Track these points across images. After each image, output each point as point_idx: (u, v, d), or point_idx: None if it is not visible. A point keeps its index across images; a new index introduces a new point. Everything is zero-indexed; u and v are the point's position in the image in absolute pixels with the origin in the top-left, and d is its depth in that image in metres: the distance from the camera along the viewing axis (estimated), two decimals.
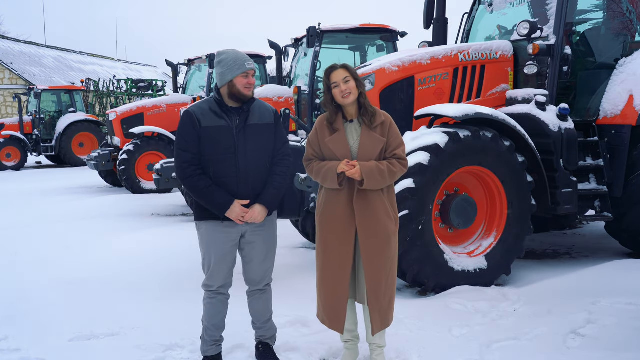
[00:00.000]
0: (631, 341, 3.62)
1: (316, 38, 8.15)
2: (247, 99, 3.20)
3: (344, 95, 3.13)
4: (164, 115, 12.30)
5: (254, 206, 3.19)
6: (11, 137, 19.53)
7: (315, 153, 3.27)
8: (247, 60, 3.17)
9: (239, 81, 3.14)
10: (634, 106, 5.41)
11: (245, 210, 3.16)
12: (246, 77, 3.15)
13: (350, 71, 3.16)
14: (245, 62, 3.15)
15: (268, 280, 3.43)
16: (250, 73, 3.17)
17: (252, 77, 3.19)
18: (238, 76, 3.13)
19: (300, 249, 6.44)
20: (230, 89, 3.16)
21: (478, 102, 5.50)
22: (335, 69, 3.17)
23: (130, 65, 42.83)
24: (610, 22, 6.09)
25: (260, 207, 3.20)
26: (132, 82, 21.48)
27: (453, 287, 4.68)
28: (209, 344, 3.39)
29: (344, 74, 3.14)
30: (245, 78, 3.15)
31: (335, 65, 3.19)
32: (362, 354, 3.51)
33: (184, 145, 3.16)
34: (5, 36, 34.10)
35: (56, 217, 9.06)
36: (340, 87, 3.13)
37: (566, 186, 5.14)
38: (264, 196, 3.21)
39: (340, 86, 3.13)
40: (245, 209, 3.16)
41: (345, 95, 3.13)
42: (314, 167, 3.23)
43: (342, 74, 3.14)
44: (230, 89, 3.16)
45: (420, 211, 4.51)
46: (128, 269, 5.66)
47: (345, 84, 3.13)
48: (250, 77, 3.17)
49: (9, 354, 3.68)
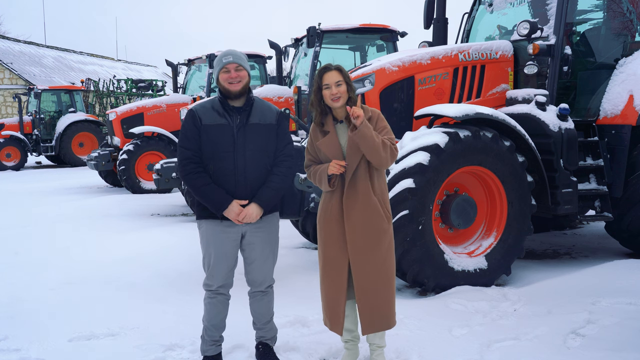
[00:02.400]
0: (631, 341, 3.61)
1: (316, 38, 8.15)
2: (234, 94, 3.18)
3: (333, 99, 3.13)
4: (164, 115, 12.29)
5: (249, 205, 3.19)
6: (11, 137, 19.54)
7: (313, 158, 3.30)
8: (227, 55, 3.19)
9: (221, 77, 3.19)
10: (634, 106, 5.41)
11: (240, 209, 3.15)
12: (227, 72, 3.17)
13: (344, 74, 3.15)
14: (223, 58, 3.18)
15: (270, 282, 3.42)
16: (231, 67, 3.16)
17: (235, 70, 3.17)
18: (220, 73, 3.19)
19: (300, 249, 6.44)
20: (220, 87, 3.23)
21: (478, 102, 5.51)
22: (329, 70, 3.15)
23: (130, 65, 42.83)
24: (610, 22, 6.08)
25: (255, 206, 3.19)
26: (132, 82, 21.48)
27: (453, 287, 4.68)
28: (208, 344, 3.39)
29: (337, 77, 3.12)
30: (225, 73, 3.17)
31: (330, 66, 3.18)
32: (362, 354, 3.51)
33: (185, 142, 3.20)
34: (5, 36, 34.11)
35: (56, 217, 9.06)
36: (332, 90, 3.12)
37: (566, 186, 5.14)
38: (259, 195, 3.21)
39: (332, 89, 3.12)
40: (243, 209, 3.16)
41: (334, 98, 3.13)
42: (311, 172, 3.27)
43: (335, 76, 3.12)
44: (219, 88, 3.23)
45: (420, 211, 4.51)
46: (128, 269, 5.66)
47: (336, 87, 3.12)
48: (232, 71, 3.16)
49: (9, 354, 3.68)
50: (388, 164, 3.13)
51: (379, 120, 3.19)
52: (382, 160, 3.07)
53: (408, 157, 4.55)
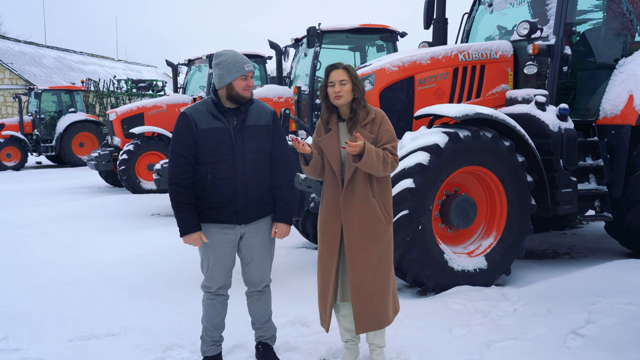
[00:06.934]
0: (631, 341, 3.62)
1: (316, 38, 8.14)
2: (246, 100, 3.19)
3: (335, 97, 3.14)
4: (164, 115, 12.30)
5: (279, 225, 3.31)
6: (11, 137, 19.53)
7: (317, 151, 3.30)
8: (246, 62, 3.16)
9: (237, 84, 3.13)
10: (633, 106, 5.41)
11: (199, 242, 3.18)
12: (245, 79, 3.14)
13: (350, 74, 3.15)
14: (244, 65, 3.14)
15: (267, 282, 3.43)
16: (249, 75, 3.16)
17: (251, 78, 3.18)
18: (237, 79, 3.12)
19: (300, 249, 6.44)
20: (229, 91, 3.15)
21: (478, 102, 5.51)
22: (336, 68, 3.17)
23: (130, 65, 42.84)
24: (610, 22, 6.08)
25: (283, 225, 3.32)
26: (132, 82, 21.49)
27: (453, 287, 4.68)
28: (208, 344, 3.40)
29: (343, 76, 3.13)
30: (244, 80, 3.14)
31: (338, 64, 3.19)
32: (362, 354, 3.52)
33: (178, 148, 3.16)
34: (5, 36, 34.12)
35: (56, 217, 9.06)
36: (335, 88, 3.13)
37: (566, 186, 5.14)
38: (280, 213, 3.31)
39: (335, 86, 3.13)
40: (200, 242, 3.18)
41: (336, 96, 3.14)
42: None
43: (341, 75, 3.14)
44: (229, 91, 3.15)
45: (420, 211, 4.51)
46: (128, 269, 5.67)
47: (340, 85, 3.12)
48: (249, 79, 3.16)
49: (9, 354, 3.68)
50: (385, 175, 3.15)
51: (383, 123, 3.18)
52: (380, 174, 3.11)
53: (408, 157, 4.55)
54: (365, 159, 2.96)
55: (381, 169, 3.04)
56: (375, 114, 3.20)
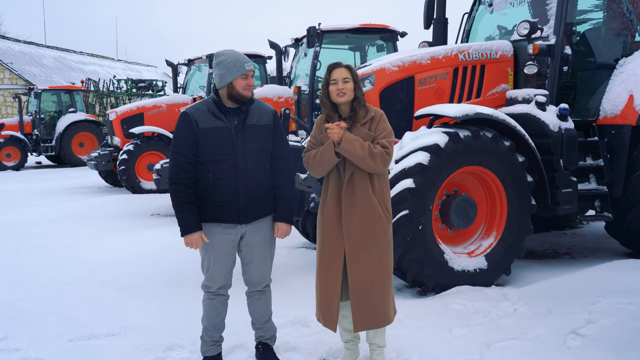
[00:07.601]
0: (631, 341, 3.62)
1: (316, 38, 8.14)
2: (247, 100, 3.19)
3: (338, 94, 3.16)
4: (164, 115, 12.30)
5: (280, 224, 3.31)
6: (11, 137, 19.53)
7: (314, 147, 3.30)
8: (247, 61, 3.17)
9: (238, 83, 3.14)
10: (634, 106, 5.41)
11: (200, 243, 3.17)
12: (245, 78, 3.15)
13: (352, 73, 3.20)
14: (245, 64, 3.15)
15: (267, 282, 3.43)
16: (250, 74, 3.17)
17: (252, 78, 3.19)
18: (237, 78, 3.13)
19: (300, 249, 6.44)
20: (230, 90, 3.16)
21: (478, 102, 5.51)
22: (338, 66, 3.20)
23: (130, 65, 42.84)
24: (610, 22, 6.08)
25: (284, 224, 3.32)
26: (132, 82, 21.47)
27: (453, 287, 4.68)
28: (208, 345, 3.39)
29: (345, 74, 3.17)
30: (244, 80, 3.15)
31: (340, 63, 3.22)
32: (362, 354, 3.52)
33: (179, 147, 3.15)
34: (5, 36, 34.12)
35: (56, 217, 9.06)
36: (338, 85, 3.16)
37: (566, 186, 5.14)
38: (282, 213, 3.31)
39: (338, 84, 3.16)
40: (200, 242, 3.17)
41: (339, 94, 3.16)
42: (311, 154, 3.25)
43: (344, 73, 3.17)
44: (229, 91, 3.16)
45: (420, 211, 4.51)
46: (128, 269, 5.67)
47: (343, 83, 3.15)
48: (250, 78, 3.17)
49: (9, 354, 3.68)
50: (379, 170, 3.15)
51: (380, 122, 3.20)
52: (371, 168, 3.11)
53: (408, 157, 4.55)
54: (343, 144, 3.03)
55: (369, 159, 3.06)
56: (374, 112, 3.23)
